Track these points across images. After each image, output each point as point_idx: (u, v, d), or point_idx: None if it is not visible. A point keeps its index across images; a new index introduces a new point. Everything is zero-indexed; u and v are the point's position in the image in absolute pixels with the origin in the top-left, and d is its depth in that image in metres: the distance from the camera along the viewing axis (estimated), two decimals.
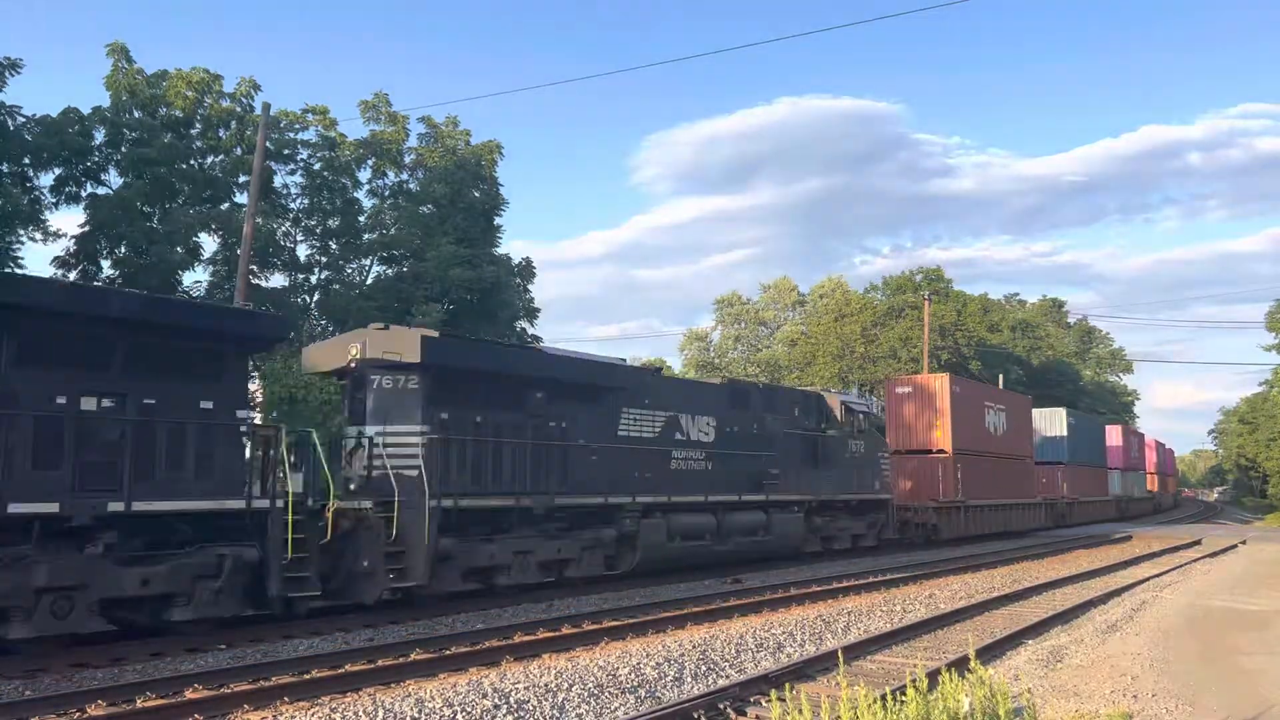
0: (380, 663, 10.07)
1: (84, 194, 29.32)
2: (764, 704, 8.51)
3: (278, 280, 34.12)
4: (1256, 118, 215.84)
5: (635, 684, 9.20)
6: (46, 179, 28.70)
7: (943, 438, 29.28)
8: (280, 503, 11.56)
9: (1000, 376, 55.48)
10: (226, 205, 31.85)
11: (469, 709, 8.00)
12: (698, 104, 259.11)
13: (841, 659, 7.59)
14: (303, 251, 35.27)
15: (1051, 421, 43.21)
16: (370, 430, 14.07)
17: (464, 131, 37.47)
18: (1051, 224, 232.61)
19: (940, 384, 30.07)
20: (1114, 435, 54.31)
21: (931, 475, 28.90)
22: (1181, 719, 8.35)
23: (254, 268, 29.92)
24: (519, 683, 8.86)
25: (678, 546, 18.03)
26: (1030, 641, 12.24)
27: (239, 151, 31.47)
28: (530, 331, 38.82)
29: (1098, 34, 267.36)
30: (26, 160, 27.67)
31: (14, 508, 9.52)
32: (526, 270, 38.76)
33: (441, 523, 13.60)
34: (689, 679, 9.60)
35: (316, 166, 34.79)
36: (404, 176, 37.41)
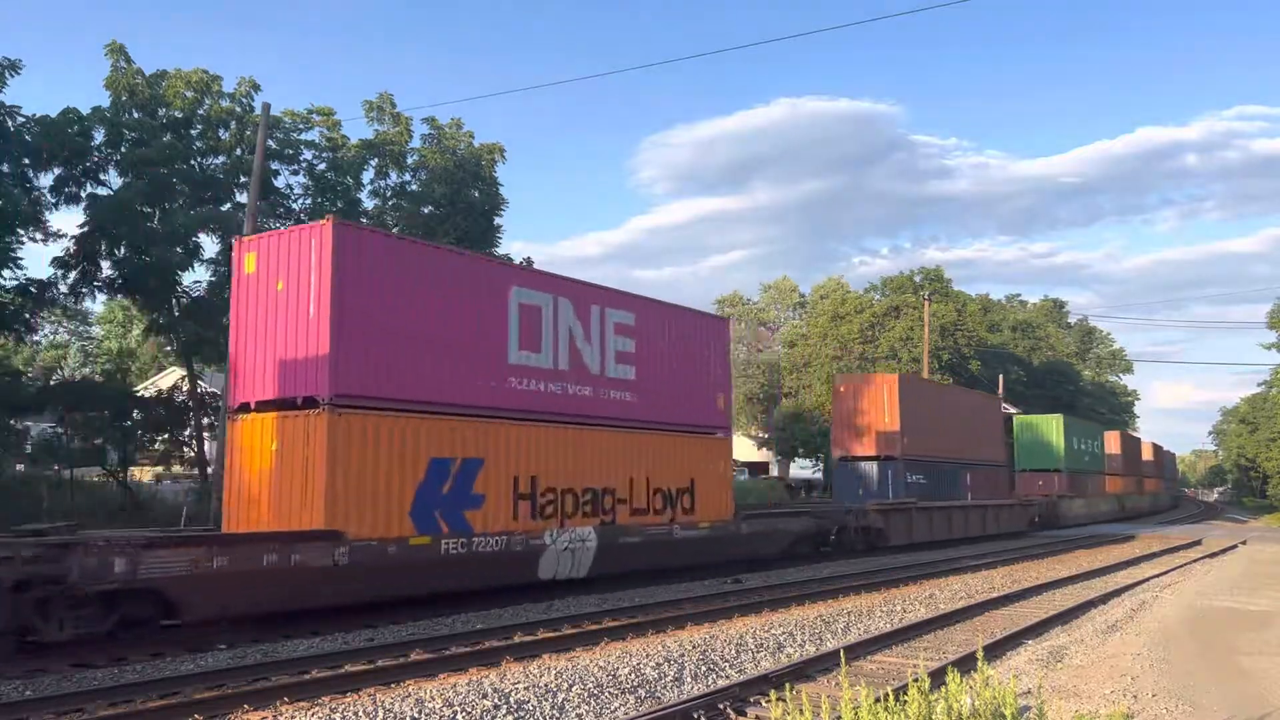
0: (380, 663, 10.07)
1: (84, 194, 29.28)
2: (764, 704, 8.50)
3: None
4: (1252, 119, 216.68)
5: (635, 684, 9.19)
6: (46, 179, 28.64)
7: None
8: None
9: (1000, 377, 55.47)
10: (227, 206, 31.78)
11: (469, 709, 7.99)
12: (696, 105, 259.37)
13: (844, 658, 7.58)
14: None
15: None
16: None
17: (467, 133, 37.50)
18: (1049, 225, 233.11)
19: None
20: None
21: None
22: (1181, 719, 8.34)
23: None
24: (519, 683, 8.86)
25: None
26: (1030, 641, 12.23)
27: (239, 152, 31.45)
28: None
29: (1094, 36, 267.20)
30: (26, 161, 27.63)
31: None
32: None
33: None
34: (689, 679, 9.59)
35: (321, 168, 34.76)
36: (406, 177, 37.41)
